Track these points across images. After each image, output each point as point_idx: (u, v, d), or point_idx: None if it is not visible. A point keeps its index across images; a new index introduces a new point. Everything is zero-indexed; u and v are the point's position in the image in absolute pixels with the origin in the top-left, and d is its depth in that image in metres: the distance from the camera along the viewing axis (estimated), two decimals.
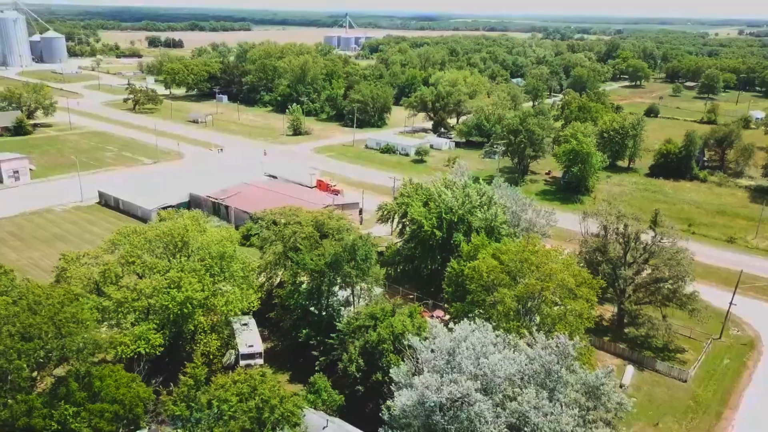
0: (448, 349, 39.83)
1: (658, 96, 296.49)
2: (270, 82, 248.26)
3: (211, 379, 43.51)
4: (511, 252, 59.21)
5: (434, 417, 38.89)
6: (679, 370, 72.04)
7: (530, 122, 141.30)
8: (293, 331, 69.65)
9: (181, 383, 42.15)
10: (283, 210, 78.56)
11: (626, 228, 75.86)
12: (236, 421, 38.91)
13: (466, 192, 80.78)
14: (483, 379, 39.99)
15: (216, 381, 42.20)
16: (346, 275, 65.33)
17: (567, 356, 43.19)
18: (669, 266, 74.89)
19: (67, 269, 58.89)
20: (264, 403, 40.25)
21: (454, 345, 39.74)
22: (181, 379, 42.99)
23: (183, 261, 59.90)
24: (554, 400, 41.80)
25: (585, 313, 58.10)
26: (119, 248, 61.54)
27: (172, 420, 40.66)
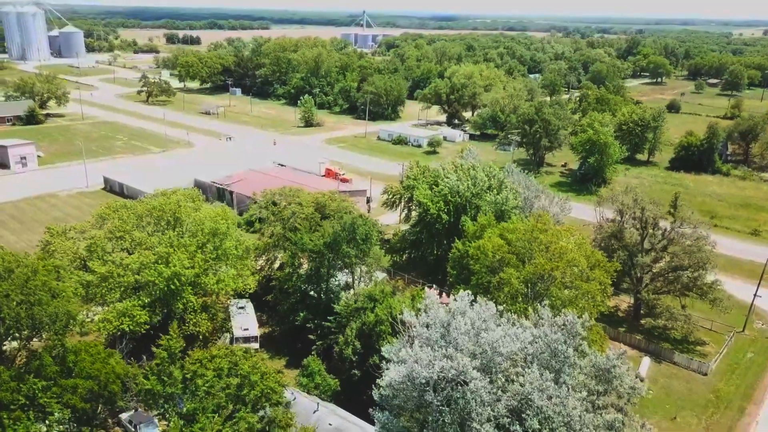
0: (444, 323, 36.33)
1: (680, 92, 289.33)
2: (284, 75, 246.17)
3: (187, 353, 40.53)
4: (519, 231, 55.49)
5: (427, 396, 35.43)
6: (699, 362, 67.78)
7: (546, 112, 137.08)
8: (291, 315, 66.64)
9: (156, 356, 39.21)
10: (283, 190, 75.60)
11: (644, 212, 71.66)
12: (212, 398, 35.83)
13: (474, 174, 77.07)
14: (482, 357, 36.42)
15: (193, 355, 39.21)
16: (345, 255, 62.07)
17: (575, 335, 39.43)
18: (689, 253, 70.60)
19: (52, 243, 56.36)
20: (243, 380, 37.12)
21: (450, 318, 36.24)
22: (155, 351, 40.04)
23: (173, 236, 57.02)
24: (560, 383, 38.15)
25: (598, 297, 54.26)
26: (108, 223, 58.89)
27: (144, 395, 37.69)
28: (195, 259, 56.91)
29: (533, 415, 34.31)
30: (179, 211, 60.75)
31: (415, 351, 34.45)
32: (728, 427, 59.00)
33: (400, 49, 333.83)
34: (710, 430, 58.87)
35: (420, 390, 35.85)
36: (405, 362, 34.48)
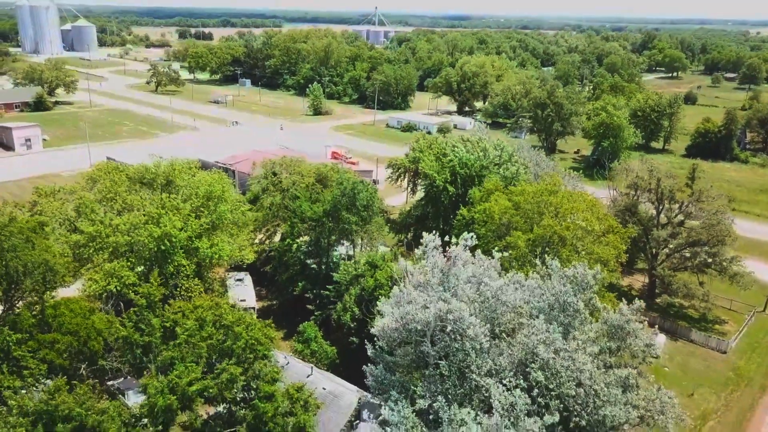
0: (443, 268, 33.51)
1: (696, 86, 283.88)
2: (293, 65, 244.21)
3: (168, 303, 38.00)
4: (527, 193, 52.48)
5: (423, 348, 32.65)
6: (718, 340, 64.49)
7: (559, 95, 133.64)
8: (290, 286, 64.12)
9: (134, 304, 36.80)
10: (284, 160, 73.04)
11: (659, 184, 68.31)
12: (191, 347, 33.26)
13: (483, 146, 74.07)
14: (484, 306, 33.60)
15: (174, 304, 36.73)
16: (345, 222, 59.32)
17: (586, 288, 36.54)
18: (708, 227, 67.16)
19: (39, 203, 54.16)
20: (227, 330, 34.52)
21: (450, 264, 33.40)
22: (133, 299, 37.63)
23: (165, 198, 54.60)
24: (569, 338, 35.25)
25: (612, 263, 51.10)
26: (98, 184, 56.62)
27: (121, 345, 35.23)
28: (188, 223, 54.53)
29: (537, 368, 31.37)
30: (173, 174, 58.39)
31: (409, 292, 31.66)
32: (749, 405, 55.75)
33: (411, 43, 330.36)
34: (730, 407, 55.64)
35: (416, 341, 33.11)
36: (399, 304, 31.69)
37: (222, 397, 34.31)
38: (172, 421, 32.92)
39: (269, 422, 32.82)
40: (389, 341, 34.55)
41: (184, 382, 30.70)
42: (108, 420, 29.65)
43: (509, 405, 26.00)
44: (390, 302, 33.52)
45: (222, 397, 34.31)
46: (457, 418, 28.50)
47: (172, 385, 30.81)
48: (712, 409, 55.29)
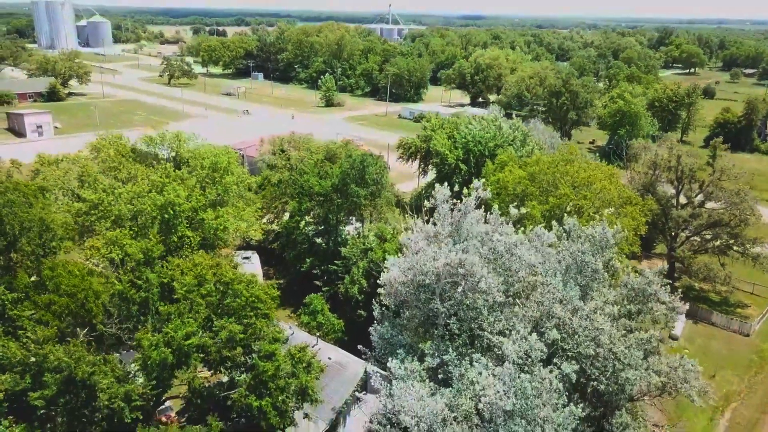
0: (453, 221, 31.73)
1: (714, 81, 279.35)
2: (306, 59, 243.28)
3: (167, 259, 36.57)
4: (543, 163, 50.54)
5: (432, 305, 30.90)
6: (740, 323, 62.11)
7: (574, 83, 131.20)
8: (297, 264, 62.67)
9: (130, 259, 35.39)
10: (292, 137, 71.59)
11: (679, 161, 65.94)
12: (188, 303, 31.74)
13: (498, 124, 72.17)
14: (497, 264, 31.76)
15: (172, 261, 35.28)
16: (354, 195, 57.67)
17: (605, 247, 34.59)
18: (730, 206, 64.73)
19: (42, 171, 53.08)
20: (226, 287, 32.97)
21: (461, 216, 31.61)
22: (129, 253, 36.22)
23: (169, 167, 53.31)
24: (587, 300, 33.36)
25: (630, 235, 49.04)
26: (102, 153, 55.48)
27: (117, 301, 33.78)
28: (193, 194, 53.21)
29: (553, 326, 29.46)
30: (179, 145, 57.13)
31: (417, 241, 29.93)
32: None
33: (425, 38, 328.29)
34: (754, 390, 53.33)
35: (425, 299, 31.33)
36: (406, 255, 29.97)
37: (221, 359, 32.78)
38: (169, 380, 31.44)
39: (269, 382, 31.23)
40: (396, 299, 32.85)
41: (179, 335, 29.19)
42: (99, 373, 28.23)
43: (523, 353, 24.16)
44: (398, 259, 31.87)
45: (221, 359, 32.78)
46: (468, 375, 26.72)
47: (167, 339, 29.33)
48: (735, 391, 53.09)
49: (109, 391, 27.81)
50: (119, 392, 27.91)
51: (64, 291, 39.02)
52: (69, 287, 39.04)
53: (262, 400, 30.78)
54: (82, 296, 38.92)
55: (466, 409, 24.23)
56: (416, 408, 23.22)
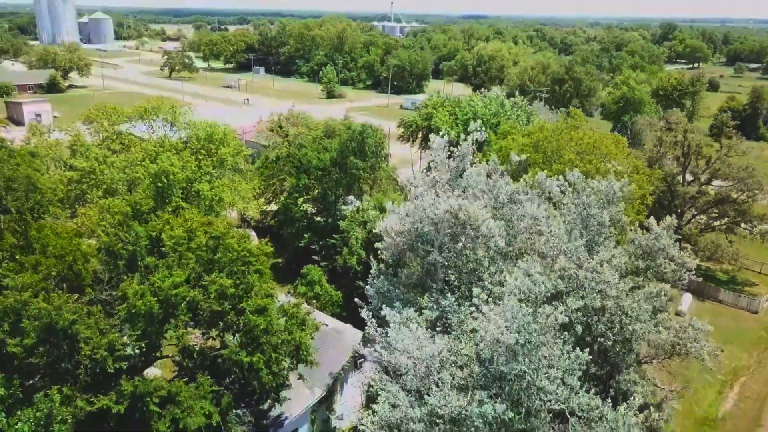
0: (452, 169, 30.40)
1: (718, 75, 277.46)
2: (307, 52, 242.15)
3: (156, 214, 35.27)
4: (546, 130, 49.16)
5: (431, 258, 29.57)
6: (748, 299, 60.69)
7: (577, 70, 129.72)
8: (296, 241, 61.45)
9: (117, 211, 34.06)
10: (291, 113, 70.32)
11: (686, 136, 64.53)
12: (177, 256, 30.41)
13: (501, 101, 70.80)
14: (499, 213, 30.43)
15: (162, 215, 33.99)
16: (353, 168, 56.39)
17: (612, 201, 33.21)
18: (738, 181, 63.36)
19: (33, 140, 51.92)
20: (217, 242, 31.64)
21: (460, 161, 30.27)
22: (114, 205, 34.95)
23: (163, 137, 52.10)
24: (593, 254, 31.97)
25: (637, 203, 47.70)
26: (95, 123, 54.31)
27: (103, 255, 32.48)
28: (188, 165, 51.98)
29: (557, 277, 28.07)
30: (174, 117, 55.91)
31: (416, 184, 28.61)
32: None
33: (427, 34, 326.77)
34: (763, 365, 51.94)
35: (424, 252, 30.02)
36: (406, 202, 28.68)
37: (212, 318, 31.46)
38: (157, 336, 30.07)
39: (261, 337, 29.90)
40: (394, 252, 31.59)
41: (167, 285, 27.86)
42: (81, 323, 26.94)
43: (526, 289, 22.81)
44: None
45: (212, 318, 31.46)
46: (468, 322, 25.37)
47: (153, 289, 28.02)
48: (744, 365, 51.78)
49: (91, 342, 26.51)
50: (102, 343, 26.61)
51: (52, 253, 37.74)
52: (57, 249, 37.76)
53: (253, 356, 29.45)
54: (70, 258, 37.60)
55: (466, 353, 22.90)
56: (412, 349, 21.90)
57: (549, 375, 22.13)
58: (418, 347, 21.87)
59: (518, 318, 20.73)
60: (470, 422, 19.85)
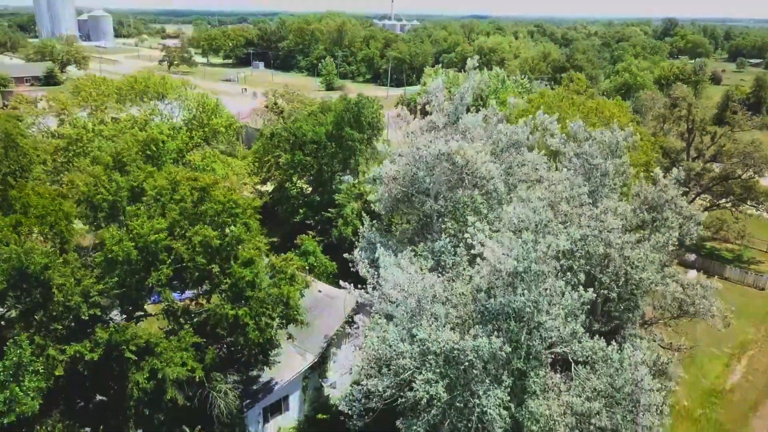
0: (449, 112, 28.90)
1: (720, 70, 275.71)
2: (307, 47, 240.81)
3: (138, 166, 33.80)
4: (548, 95, 47.68)
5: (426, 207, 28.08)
6: (755, 276, 59.13)
7: (579, 58, 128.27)
8: (291, 217, 59.99)
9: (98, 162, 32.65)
10: (285, 90, 68.87)
11: (690, 110, 62.99)
12: (159, 206, 28.97)
13: (501, 78, 69.34)
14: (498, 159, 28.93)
15: (144, 168, 32.57)
16: (349, 139, 54.88)
17: (616, 151, 31.73)
18: (744, 156, 61.81)
19: (19, 109, 50.51)
20: (202, 192, 30.17)
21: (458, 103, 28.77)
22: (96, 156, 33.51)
23: (153, 106, 50.66)
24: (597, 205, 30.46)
25: (640, 170, 46.09)
26: (83, 93, 52.88)
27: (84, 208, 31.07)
28: (180, 135, 50.63)
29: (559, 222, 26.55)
30: (165, 88, 54.51)
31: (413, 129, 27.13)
32: None
33: (427, 30, 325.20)
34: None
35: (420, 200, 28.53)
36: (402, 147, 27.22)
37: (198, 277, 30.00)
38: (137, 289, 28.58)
39: (247, 290, 28.41)
40: (387, 204, 30.09)
41: (146, 230, 26.40)
42: (54, 269, 25.50)
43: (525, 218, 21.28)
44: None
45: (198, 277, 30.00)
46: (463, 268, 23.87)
47: (132, 235, 26.57)
48: (752, 339, 50.25)
49: (65, 289, 25.06)
50: (76, 290, 25.14)
51: (33, 213, 36.33)
52: (38, 209, 36.35)
53: (239, 310, 27.96)
54: (52, 219, 36.19)
55: (461, 291, 21.39)
56: (404, 283, 20.40)
57: (550, 313, 20.62)
58: (409, 280, 20.37)
59: (517, 246, 19.21)
60: (463, 356, 18.34)
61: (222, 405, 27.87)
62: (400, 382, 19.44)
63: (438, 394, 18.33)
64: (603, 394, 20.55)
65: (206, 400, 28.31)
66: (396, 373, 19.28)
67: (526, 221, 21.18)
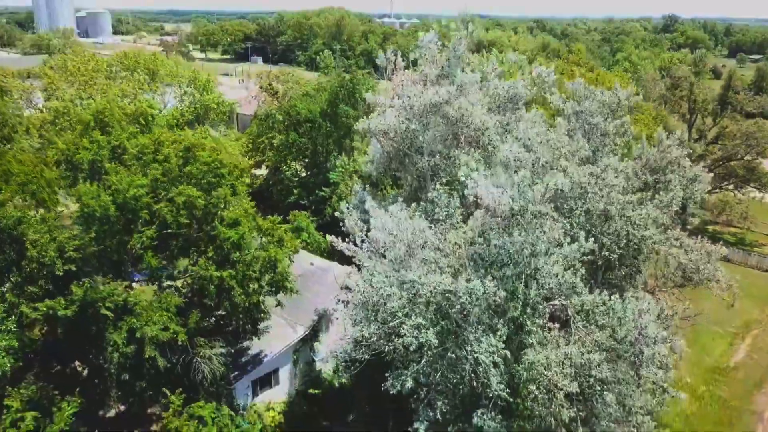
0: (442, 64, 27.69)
1: (721, 65, 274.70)
2: (305, 42, 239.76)
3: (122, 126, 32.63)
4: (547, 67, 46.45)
5: (421, 164, 26.91)
6: (758, 257, 57.99)
7: (578, 49, 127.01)
8: (284, 198, 58.85)
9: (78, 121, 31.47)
10: (281, 71, 67.68)
11: (692, 89, 61.82)
12: (141, 165, 27.77)
13: (501, 59, 68.05)
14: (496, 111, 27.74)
15: (127, 128, 31.40)
16: (344, 116, 53.71)
17: (617, 110, 30.55)
18: (746, 136, 60.64)
19: (5, 82, 49.29)
20: (186, 152, 28.96)
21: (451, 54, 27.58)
22: (76, 115, 32.33)
23: (142, 79, 49.45)
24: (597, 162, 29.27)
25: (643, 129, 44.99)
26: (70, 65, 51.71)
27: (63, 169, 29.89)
28: (172, 113, 49.45)
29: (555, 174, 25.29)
30: (156, 64, 53.31)
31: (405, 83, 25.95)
32: None
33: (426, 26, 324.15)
34: None
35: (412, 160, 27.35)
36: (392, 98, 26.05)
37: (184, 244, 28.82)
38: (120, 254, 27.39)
39: (233, 252, 27.22)
40: (379, 165, 28.93)
41: (124, 186, 25.20)
42: (28, 224, 24.34)
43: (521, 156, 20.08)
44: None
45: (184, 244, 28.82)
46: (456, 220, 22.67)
47: (111, 191, 25.38)
48: (756, 319, 49.15)
49: (39, 244, 23.87)
50: (51, 246, 23.95)
51: (14, 180, 35.13)
52: (20, 177, 35.16)
53: (224, 272, 26.76)
54: (34, 186, 35.02)
55: (454, 240, 20.20)
56: (392, 228, 19.22)
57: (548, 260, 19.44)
58: (397, 222, 19.19)
59: (513, 185, 18.02)
60: (455, 299, 17.16)
61: (206, 371, 26.66)
62: (388, 331, 18.27)
63: (428, 341, 17.15)
64: (604, 347, 19.38)
65: (190, 366, 27.11)
66: (384, 321, 18.11)
67: (522, 160, 20.01)
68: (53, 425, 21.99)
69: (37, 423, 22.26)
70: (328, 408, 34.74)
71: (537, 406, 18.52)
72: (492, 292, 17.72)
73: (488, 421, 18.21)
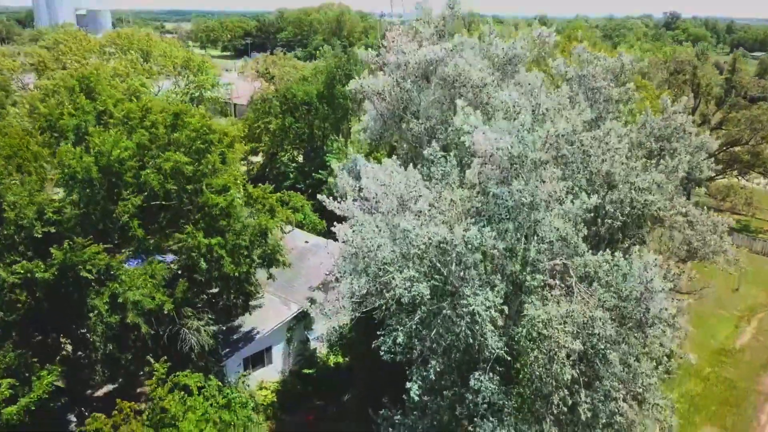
0: (437, 22, 26.70)
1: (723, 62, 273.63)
2: (305, 38, 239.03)
3: None
4: None
5: (418, 127, 25.90)
6: (763, 243, 56.97)
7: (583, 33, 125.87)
8: (281, 183, 57.86)
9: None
10: (278, 56, 66.81)
11: (696, 72, 60.77)
12: (126, 130, 26.78)
13: None
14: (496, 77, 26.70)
15: (114, 93, 30.39)
16: (340, 97, 52.76)
17: (620, 76, 29.51)
18: (751, 120, 59.62)
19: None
20: (175, 118, 27.95)
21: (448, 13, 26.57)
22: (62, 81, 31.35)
23: (135, 59, 48.46)
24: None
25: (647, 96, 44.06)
26: (62, 45, 50.74)
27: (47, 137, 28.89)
28: (166, 95, 48.46)
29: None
30: (150, 44, 52.36)
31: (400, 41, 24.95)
32: None
33: None
34: None
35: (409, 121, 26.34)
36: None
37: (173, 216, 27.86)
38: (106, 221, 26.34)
39: (221, 220, 26.24)
40: (374, 132, 27.93)
41: (107, 147, 24.21)
42: (7, 188, 23.38)
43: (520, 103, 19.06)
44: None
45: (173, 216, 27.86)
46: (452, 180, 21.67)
47: (94, 153, 24.40)
48: (762, 303, 48.14)
49: (17, 206, 22.91)
50: (29, 208, 22.99)
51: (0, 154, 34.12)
52: (5, 149, 34.12)
53: (212, 240, 25.77)
54: (19, 159, 33.98)
55: (450, 198, 19.20)
56: (383, 177, 18.23)
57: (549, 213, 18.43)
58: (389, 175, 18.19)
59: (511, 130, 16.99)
60: (451, 248, 16.15)
61: (194, 341, 25.67)
62: (379, 287, 17.27)
63: (421, 294, 16.14)
64: (608, 306, 18.36)
65: (177, 337, 26.14)
66: (375, 276, 17.13)
67: (520, 106, 19.01)
68: (32, 392, 21.00)
69: (15, 391, 21.26)
70: (322, 388, 33.79)
71: (537, 367, 17.50)
72: (491, 245, 16.72)
73: (486, 383, 17.20)
